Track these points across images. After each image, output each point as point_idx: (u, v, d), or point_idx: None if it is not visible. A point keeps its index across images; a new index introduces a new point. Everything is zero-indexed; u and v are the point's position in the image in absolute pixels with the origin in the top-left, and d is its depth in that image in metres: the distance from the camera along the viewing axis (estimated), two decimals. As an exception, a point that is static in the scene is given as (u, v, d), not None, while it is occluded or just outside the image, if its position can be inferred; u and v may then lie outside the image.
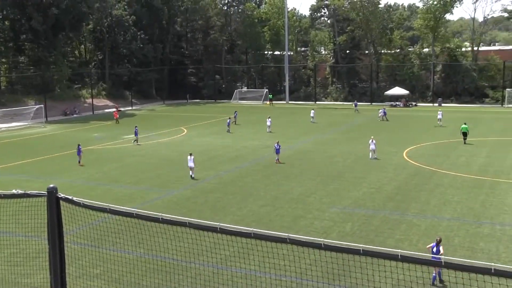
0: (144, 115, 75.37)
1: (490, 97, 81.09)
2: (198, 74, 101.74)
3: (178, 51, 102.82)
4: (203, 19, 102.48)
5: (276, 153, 36.92)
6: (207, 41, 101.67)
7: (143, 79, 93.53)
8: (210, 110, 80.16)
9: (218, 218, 23.20)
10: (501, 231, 21.14)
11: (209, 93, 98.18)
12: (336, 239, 20.03)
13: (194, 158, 32.59)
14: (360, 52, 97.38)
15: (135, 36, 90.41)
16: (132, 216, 5.73)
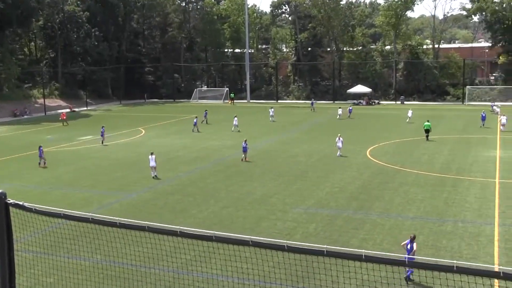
0: (100, 115, 74.16)
1: (451, 95, 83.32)
2: (156, 72, 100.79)
3: (135, 49, 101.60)
4: (160, 16, 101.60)
5: (244, 152, 37.30)
6: (165, 39, 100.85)
7: (98, 78, 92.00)
8: (169, 110, 79.53)
9: (179, 221, 23.03)
10: (463, 228, 21.74)
11: (167, 93, 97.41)
12: (299, 240, 20.19)
13: (155, 157, 32.73)
14: (322, 50, 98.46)
15: (89, 33, 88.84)
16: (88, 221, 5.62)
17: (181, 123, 61.49)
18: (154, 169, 32.49)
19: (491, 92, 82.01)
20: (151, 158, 32.48)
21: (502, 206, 24.68)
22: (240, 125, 54.42)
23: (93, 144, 46.95)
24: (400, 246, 19.72)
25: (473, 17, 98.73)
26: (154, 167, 32.48)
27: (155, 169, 32.54)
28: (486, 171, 32.29)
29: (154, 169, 32.51)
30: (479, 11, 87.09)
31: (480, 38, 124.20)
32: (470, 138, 45.48)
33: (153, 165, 32.41)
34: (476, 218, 23.07)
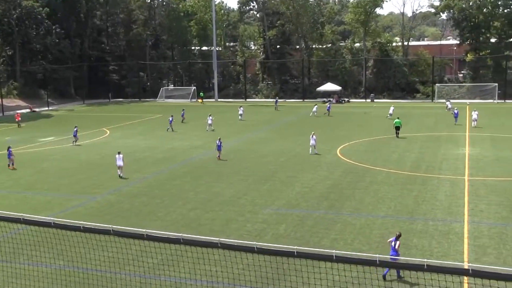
0: (62, 115, 72.95)
1: (421, 92, 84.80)
2: (120, 71, 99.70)
3: (98, 46, 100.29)
4: (124, 13, 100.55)
5: (218, 150, 37.70)
6: (129, 36, 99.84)
7: (60, 77, 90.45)
8: (135, 109, 78.78)
9: (145, 224, 22.82)
10: (433, 226, 22.15)
11: (133, 92, 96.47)
12: (270, 241, 20.24)
13: (123, 156, 32.97)
14: (291, 47, 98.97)
15: (50, 30, 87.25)
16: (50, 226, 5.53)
17: (147, 123, 60.98)
18: (121, 168, 32.66)
19: (460, 89, 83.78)
20: (118, 157, 32.65)
21: (471, 204, 25.24)
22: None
23: (55, 145, 46.17)
24: (372, 245, 19.99)
25: (441, 15, 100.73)
26: (121, 167, 32.66)
27: (122, 168, 32.70)
28: (455, 169, 32.97)
29: (121, 169, 32.67)
30: (447, 8, 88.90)
31: (449, 36, 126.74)
32: (439, 135, 46.35)
33: (120, 164, 32.60)
34: (446, 216, 23.53)
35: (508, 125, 52.22)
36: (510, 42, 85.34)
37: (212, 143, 45.23)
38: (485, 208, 24.56)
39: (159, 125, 56.29)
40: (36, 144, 47.35)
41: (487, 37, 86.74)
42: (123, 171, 32.83)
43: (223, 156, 37.77)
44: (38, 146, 46.29)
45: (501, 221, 22.70)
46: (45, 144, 47.11)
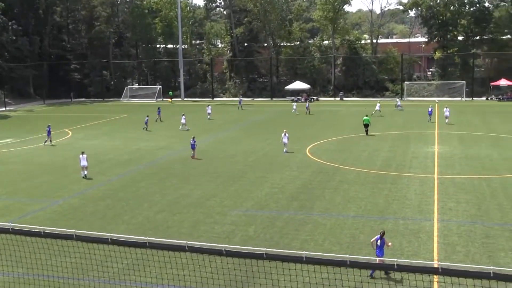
0: (21, 116, 71.53)
1: (390, 90, 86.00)
2: (83, 70, 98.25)
3: (59, 44, 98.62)
4: (86, 9, 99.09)
5: (192, 149, 38.05)
6: (91, 34, 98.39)
7: (18, 76, 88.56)
8: (98, 109, 77.79)
9: (110, 228, 22.56)
10: (403, 225, 22.49)
11: (96, 91, 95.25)
12: (239, 244, 20.25)
13: (86, 156, 32.95)
14: (258, 45, 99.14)
15: (5, 26, 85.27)
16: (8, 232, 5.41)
17: (111, 123, 60.28)
18: (85, 169, 32.74)
19: (429, 87, 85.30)
20: (82, 158, 32.69)
21: (440, 202, 25.72)
22: (175, 125, 54.04)
23: (13, 148, 45.22)
24: (342, 246, 20.17)
25: (409, 12, 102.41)
26: (85, 167, 32.75)
27: (86, 169, 32.79)
28: (425, 167, 33.54)
29: (85, 169, 32.75)
30: (415, 6, 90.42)
31: (417, 33, 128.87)
32: (409, 134, 47.09)
33: (84, 164, 32.69)
34: (416, 215, 23.92)
35: (475, 122, 53.41)
36: (477, 40, 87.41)
37: (179, 143, 45.04)
38: (454, 206, 25.06)
39: (124, 126, 55.74)
40: (-7, 146, 46.30)
41: (455, 35, 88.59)
42: (88, 171, 32.82)
43: (185, 159, 37.69)
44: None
45: (469, 219, 23.20)
46: (2, 146, 46.10)
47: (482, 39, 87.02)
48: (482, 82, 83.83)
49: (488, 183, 29.15)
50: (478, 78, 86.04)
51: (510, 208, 24.56)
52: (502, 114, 59.99)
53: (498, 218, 23.24)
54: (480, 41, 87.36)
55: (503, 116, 57.76)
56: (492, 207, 24.75)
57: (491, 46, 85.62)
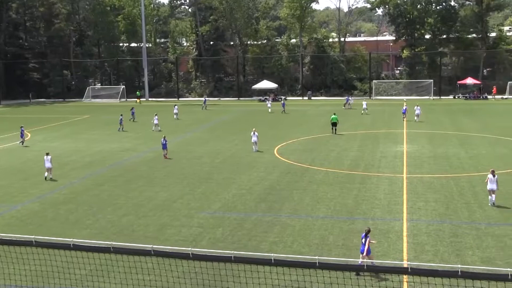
0: (-23, 118, 69.87)
1: (359, 89, 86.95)
2: (42, 69, 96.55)
3: (16, 42, 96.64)
4: (44, 6, 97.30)
5: (163, 149, 38.37)
6: (51, 31, 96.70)
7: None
8: (59, 110, 76.56)
9: (72, 233, 22.22)
10: (373, 225, 22.72)
11: (56, 91, 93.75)
12: (206, 247, 20.19)
13: (51, 158, 32.89)
14: (225, 44, 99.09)
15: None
16: (-36, 239, 5.28)
17: (73, 124, 59.39)
18: (49, 170, 32.67)
19: (397, 86, 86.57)
20: (46, 159, 32.63)
21: (409, 202, 26.12)
22: (139, 125, 53.55)
23: (-31, 150, 44.13)
24: (311, 247, 20.30)
25: (377, 10, 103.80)
26: (49, 169, 32.66)
27: (50, 170, 32.70)
28: (394, 167, 34.02)
29: (49, 171, 32.68)
30: (382, 4, 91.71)
31: (385, 32, 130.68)
32: (378, 133, 47.69)
33: (49, 166, 32.62)
34: (386, 215, 24.24)
35: (443, 121, 54.43)
36: (444, 38, 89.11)
37: (144, 145, 44.70)
38: (423, 205, 25.49)
39: (87, 127, 54.99)
40: None
41: (422, 34, 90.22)
42: (52, 173, 32.76)
43: (150, 160, 37.55)
44: (-50, 151, 44.13)
45: (438, 218, 23.63)
46: (-42, 149, 44.97)
47: (449, 38, 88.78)
48: (450, 81, 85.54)
49: (456, 182, 29.74)
50: (446, 76, 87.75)
51: (477, 206, 25.11)
52: (469, 112, 61.32)
53: (465, 216, 23.74)
54: (447, 40, 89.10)
55: (470, 115, 59.05)
56: (460, 206, 25.27)
57: (457, 45, 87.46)
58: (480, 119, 55.29)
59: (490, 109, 64.81)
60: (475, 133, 46.30)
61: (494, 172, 25.41)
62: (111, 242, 5.21)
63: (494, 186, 25.10)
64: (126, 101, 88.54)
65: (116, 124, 54.58)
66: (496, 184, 25.16)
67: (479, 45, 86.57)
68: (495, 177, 25.11)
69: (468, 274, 5.14)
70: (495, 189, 25.17)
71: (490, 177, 25.11)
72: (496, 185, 25.16)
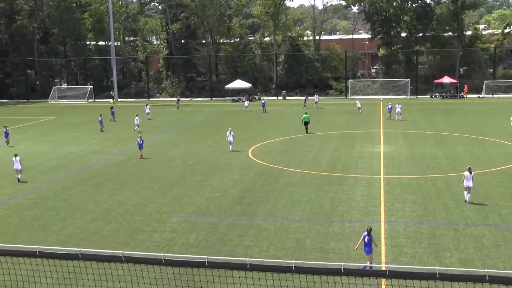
0: None
1: (334, 89, 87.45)
2: (4, 68, 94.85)
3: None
4: (5, 1, 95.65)
5: (140, 149, 39.02)
6: (12, 29, 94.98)
7: None
8: (22, 112, 75.44)
9: (38, 240, 21.93)
10: (350, 228, 22.93)
11: (19, 92, 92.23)
12: (179, 252, 20.11)
13: (20, 159, 33.31)
14: (196, 42, 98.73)
15: None
16: None
17: (38, 126, 58.57)
18: (19, 172, 33.03)
19: (373, 85, 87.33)
20: (15, 160, 33.00)
21: (387, 203, 26.39)
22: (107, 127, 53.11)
23: None
24: (288, 251, 20.35)
25: (352, 8, 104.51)
26: (19, 170, 33.03)
27: (20, 172, 33.02)
28: (371, 167, 34.33)
29: (19, 172, 33.04)
30: (358, 1, 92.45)
31: (361, 30, 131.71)
32: (354, 133, 48.06)
33: (18, 167, 32.96)
34: (363, 217, 24.44)
35: (420, 121, 55.09)
36: (420, 37, 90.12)
37: (113, 146, 44.36)
38: (401, 207, 25.77)
39: (53, 129, 54.29)
40: None
41: (398, 32, 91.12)
42: (22, 174, 33.21)
43: (119, 164, 37.41)
44: None
45: (416, 219, 23.92)
46: None
47: (425, 36, 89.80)
48: (426, 80, 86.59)
49: (433, 182, 30.14)
50: (422, 75, 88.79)
51: (454, 207, 25.50)
52: (445, 112, 62.18)
53: (443, 217, 24.09)
54: (423, 38, 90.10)
55: (447, 114, 59.88)
56: (437, 207, 25.63)
57: (433, 43, 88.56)
58: (457, 119, 56.13)
59: (467, 108, 65.85)
60: (452, 133, 46.99)
61: (470, 170, 26.20)
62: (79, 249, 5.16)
63: (470, 183, 25.90)
64: (94, 101, 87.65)
65: (85, 126, 53.99)
66: (472, 182, 25.88)
67: (455, 44, 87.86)
68: (471, 174, 25.88)
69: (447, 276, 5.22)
70: (471, 186, 25.93)
71: (467, 174, 25.89)
72: (472, 183, 25.90)
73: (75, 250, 5.07)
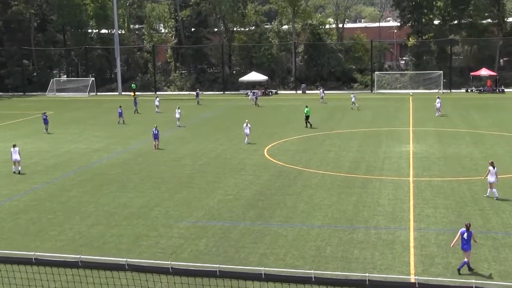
0: None
1: (359, 82, 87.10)
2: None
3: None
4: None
5: (155, 139, 41.69)
6: (7, 15, 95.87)
7: None
8: (18, 105, 76.15)
9: (34, 245, 22.12)
10: (376, 235, 22.83)
11: (15, 84, 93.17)
12: (188, 260, 20.17)
13: (19, 149, 34.84)
14: (208, 30, 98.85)
15: None
16: None
17: (35, 122, 59.04)
18: (17, 163, 34.30)
19: (402, 78, 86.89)
20: (13, 151, 34.43)
21: (417, 208, 26.23)
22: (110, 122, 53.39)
23: None
24: (307, 260, 20.31)
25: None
26: (17, 161, 34.43)
27: (18, 163, 34.56)
28: (398, 169, 34.15)
29: (17, 164, 34.30)
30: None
31: (388, 17, 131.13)
32: (380, 131, 47.85)
33: (17, 158, 34.34)
34: (390, 223, 24.32)
35: (453, 118, 54.69)
36: (455, 24, 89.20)
37: (116, 144, 44.62)
38: (432, 212, 25.61)
39: (51, 125, 54.63)
40: None
41: (430, 19, 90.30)
42: (21, 165, 34.79)
43: (123, 162, 37.76)
44: None
45: (449, 226, 23.73)
46: None
47: (461, 24, 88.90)
48: (461, 72, 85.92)
49: (469, 185, 29.90)
50: (457, 67, 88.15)
51: (493, 213, 25.27)
52: (483, 108, 61.64)
53: (480, 225, 23.86)
54: (458, 26, 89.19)
55: (484, 110, 59.35)
56: (473, 213, 25.41)
57: (470, 32, 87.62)
58: (496, 115, 55.61)
59: (508, 104, 65.19)
60: (490, 131, 46.60)
61: (493, 164, 27.09)
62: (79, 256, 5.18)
63: (494, 179, 26.85)
64: (96, 95, 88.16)
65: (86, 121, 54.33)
66: (495, 177, 26.88)
67: (495, 32, 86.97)
68: (495, 169, 26.82)
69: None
70: (494, 182, 26.89)
71: (491, 169, 26.76)
72: (495, 178, 26.89)
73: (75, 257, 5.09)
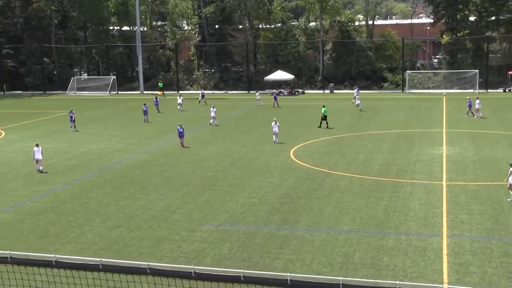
0: None
1: (389, 81, 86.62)
2: (18, 56, 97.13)
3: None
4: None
5: (180, 137, 42.82)
6: (28, 12, 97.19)
7: None
8: (38, 104, 77.01)
9: (54, 248, 22.33)
10: (406, 241, 22.65)
11: (35, 82, 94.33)
12: (211, 265, 20.18)
13: (42, 149, 35.96)
14: (232, 28, 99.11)
15: None
16: None
17: (55, 121, 59.71)
18: (39, 162, 35.54)
19: (435, 77, 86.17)
20: (36, 150, 35.42)
21: (450, 214, 25.96)
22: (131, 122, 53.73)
23: None
24: (334, 266, 20.23)
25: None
26: (39, 160, 35.50)
27: (40, 162, 35.63)
28: (431, 172, 33.84)
29: (39, 163, 35.56)
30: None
31: (421, 13, 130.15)
32: (412, 132, 47.52)
33: (39, 158, 35.40)
34: (422, 229, 24.11)
35: (490, 119, 54.07)
36: (492, 21, 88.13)
37: (137, 145, 44.88)
38: (467, 218, 25.32)
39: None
40: None
41: (466, 15, 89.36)
42: (43, 164, 35.78)
43: (143, 163, 38.00)
44: None
45: (485, 233, 23.45)
46: None
47: (499, 20, 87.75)
48: (499, 71, 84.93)
49: (506, 191, 29.48)
50: (494, 66, 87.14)
51: (531, 220, 24.92)
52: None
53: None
54: (496, 22, 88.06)
55: (523, 112, 58.63)
56: (511, 219, 25.07)
57: (509, 28, 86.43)
58: (534, 117, 54.89)
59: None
60: (528, 133, 46.01)
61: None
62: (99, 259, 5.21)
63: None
64: (117, 94, 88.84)
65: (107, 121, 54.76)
66: None
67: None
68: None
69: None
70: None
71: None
72: None
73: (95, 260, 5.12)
